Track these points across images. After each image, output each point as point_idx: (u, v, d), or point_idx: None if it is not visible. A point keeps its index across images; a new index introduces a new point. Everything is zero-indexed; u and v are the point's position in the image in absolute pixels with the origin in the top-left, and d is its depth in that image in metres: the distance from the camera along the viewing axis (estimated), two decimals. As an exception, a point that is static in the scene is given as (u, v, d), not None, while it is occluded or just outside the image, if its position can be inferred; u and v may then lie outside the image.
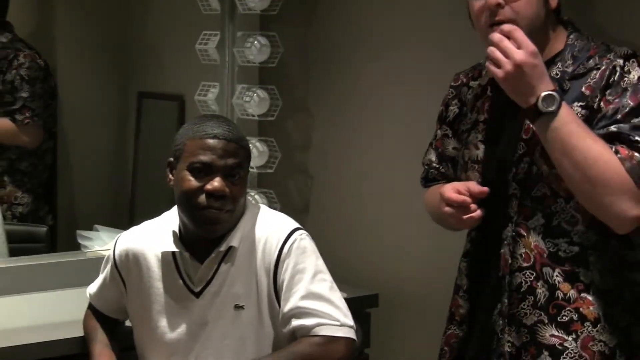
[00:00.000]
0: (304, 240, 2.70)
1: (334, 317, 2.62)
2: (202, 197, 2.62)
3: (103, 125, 4.46)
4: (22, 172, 4.00)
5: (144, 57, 4.38)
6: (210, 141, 2.65)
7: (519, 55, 2.35)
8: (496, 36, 2.39)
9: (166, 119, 3.97)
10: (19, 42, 4.03)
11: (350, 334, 2.64)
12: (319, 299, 2.63)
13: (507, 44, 2.37)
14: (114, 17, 4.40)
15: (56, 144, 4.19)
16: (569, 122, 2.37)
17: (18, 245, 3.69)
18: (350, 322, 2.65)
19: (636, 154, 2.36)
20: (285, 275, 2.65)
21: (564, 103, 2.38)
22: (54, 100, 4.13)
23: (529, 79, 2.37)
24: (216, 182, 2.62)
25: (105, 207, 4.37)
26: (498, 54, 2.38)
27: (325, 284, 2.67)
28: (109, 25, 4.42)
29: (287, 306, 2.63)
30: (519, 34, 2.37)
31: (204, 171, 2.63)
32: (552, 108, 2.35)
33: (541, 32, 2.51)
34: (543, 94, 2.36)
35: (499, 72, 2.39)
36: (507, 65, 2.36)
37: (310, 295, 2.63)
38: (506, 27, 2.39)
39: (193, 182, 2.63)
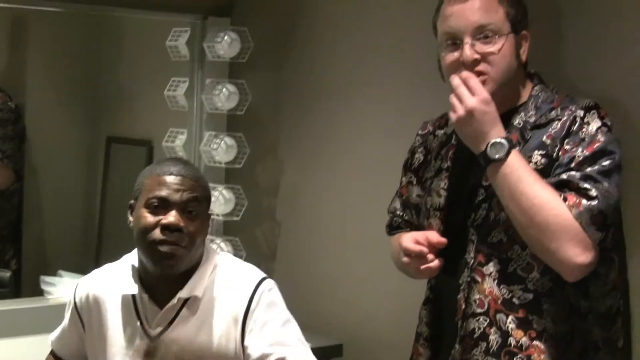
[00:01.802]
0: (272, 291, 2.68)
1: None
2: (158, 232, 2.60)
3: (71, 168, 4.47)
4: None
5: (114, 102, 4.40)
6: (167, 177, 2.65)
7: (471, 101, 2.40)
8: (455, 81, 2.44)
9: (134, 164, 3.98)
10: None
11: None
12: (289, 346, 2.63)
13: (463, 90, 2.42)
14: (85, 62, 4.43)
15: (23, 186, 4.20)
16: (517, 169, 2.40)
17: (-19, 291, 3.77)
18: None
19: (584, 201, 2.38)
20: (254, 325, 2.63)
21: (514, 150, 2.41)
22: (23, 143, 4.14)
23: (479, 125, 2.42)
24: (171, 216, 2.60)
25: (71, 251, 4.36)
26: (454, 99, 2.43)
27: (294, 332, 2.66)
28: (79, 69, 4.45)
29: (256, 354, 2.62)
30: (473, 82, 2.42)
31: (160, 206, 2.62)
32: (500, 155, 2.39)
33: (511, 84, 2.55)
34: (492, 140, 2.40)
35: (453, 116, 2.44)
36: (460, 110, 2.41)
37: (280, 343, 2.61)
38: (464, 74, 2.44)
39: (149, 217, 2.62)
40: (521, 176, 2.40)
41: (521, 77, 2.59)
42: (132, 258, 2.75)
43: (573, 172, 2.42)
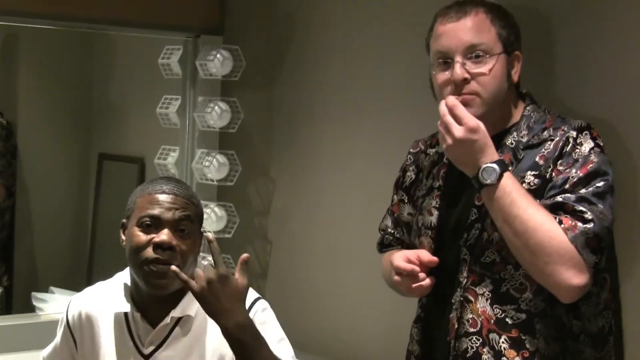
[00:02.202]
0: (265, 311, 2.68)
1: None
2: (150, 250, 2.59)
3: (63, 185, 4.48)
4: None
5: (105, 119, 4.42)
6: (159, 196, 2.65)
7: (457, 131, 2.40)
8: (442, 109, 2.45)
9: (126, 180, 3.98)
10: None
11: None
12: None
13: (449, 118, 2.43)
14: (77, 79, 4.44)
15: (15, 203, 4.22)
16: (510, 192, 2.40)
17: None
18: None
19: (579, 223, 2.39)
20: None
21: (507, 173, 2.42)
22: (15, 160, 4.16)
23: (469, 153, 2.43)
24: (164, 235, 2.59)
25: (63, 268, 4.38)
26: (441, 128, 2.44)
27: (288, 351, 2.66)
28: (71, 86, 4.45)
29: None
30: (459, 111, 2.42)
31: (153, 225, 2.62)
32: (491, 180, 2.40)
33: (503, 104, 2.56)
34: (483, 166, 2.41)
35: (444, 145, 2.45)
36: (449, 139, 2.42)
37: None
38: (449, 101, 2.45)
39: (142, 236, 2.61)
40: (515, 199, 2.41)
41: (513, 97, 2.60)
42: (124, 276, 2.75)
43: (568, 194, 2.43)
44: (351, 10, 3.55)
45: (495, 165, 2.41)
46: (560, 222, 2.39)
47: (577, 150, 2.48)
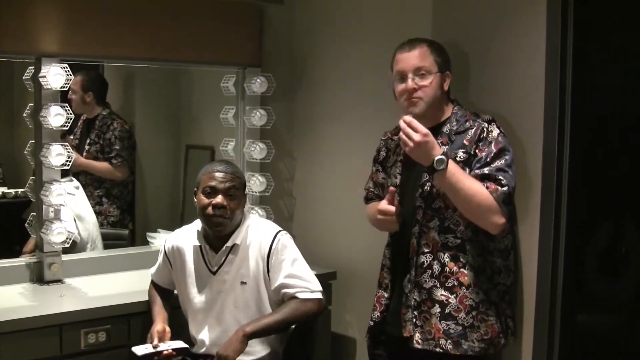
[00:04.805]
0: (285, 238, 2.74)
1: (307, 287, 2.68)
2: (210, 209, 2.65)
3: (164, 166, 4.41)
4: (114, 196, 4.01)
5: (190, 121, 4.35)
6: (215, 174, 2.69)
7: (416, 137, 2.38)
8: (401, 124, 2.41)
9: (203, 162, 3.65)
10: (114, 114, 4.06)
11: (319, 296, 2.68)
12: (297, 277, 2.68)
13: (408, 130, 2.38)
14: (172, 97, 4.35)
15: (135, 178, 4.19)
16: (454, 173, 2.41)
17: (110, 242, 3.75)
18: (319, 289, 2.70)
19: (499, 187, 2.42)
20: (274, 261, 2.68)
21: (450, 161, 2.40)
22: (134, 151, 4.11)
23: (425, 150, 2.40)
24: (218, 199, 2.66)
25: (165, 217, 4.33)
26: (404, 137, 2.40)
27: (301, 267, 2.71)
28: (168, 102, 4.38)
29: (277, 282, 2.67)
30: (414, 124, 2.39)
31: (212, 192, 2.66)
32: (442, 167, 2.39)
33: (439, 105, 2.57)
34: (436, 158, 2.39)
35: (406, 149, 2.42)
36: (410, 143, 2.39)
37: (291, 275, 2.68)
38: (406, 118, 2.40)
39: (205, 200, 2.68)
40: (458, 177, 2.41)
41: (445, 101, 2.60)
42: (198, 223, 2.78)
43: (490, 167, 2.43)
44: (343, 50, 3.52)
45: (443, 157, 2.39)
46: (487, 187, 2.42)
47: (489, 135, 2.48)
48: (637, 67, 2.48)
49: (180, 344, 2.62)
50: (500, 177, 2.41)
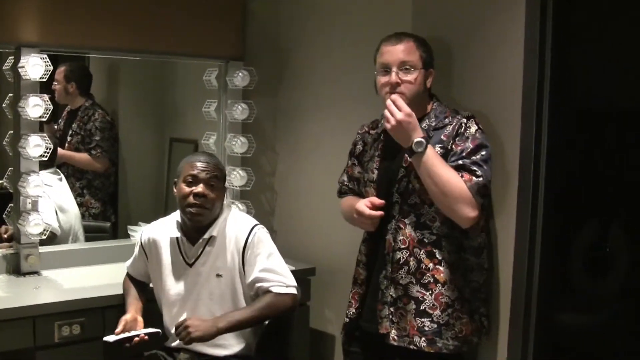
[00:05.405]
0: (261, 232, 2.73)
1: (282, 282, 2.67)
2: (191, 198, 2.64)
3: (147, 158, 4.42)
4: (95, 187, 4.02)
5: (174, 115, 4.34)
6: (197, 163, 2.69)
7: (399, 115, 2.40)
8: (388, 101, 2.43)
9: (186, 154, 3.97)
10: (96, 105, 4.05)
11: (294, 291, 2.67)
12: (272, 271, 2.68)
13: (393, 108, 2.41)
14: (154, 90, 4.33)
15: (117, 170, 4.18)
16: (432, 157, 2.41)
17: (92, 235, 3.75)
18: (293, 284, 2.69)
19: (474, 177, 2.42)
20: (249, 255, 2.68)
21: (429, 145, 2.42)
22: (116, 142, 4.10)
23: (406, 130, 2.41)
24: (200, 187, 2.66)
25: (148, 210, 4.32)
26: (387, 114, 2.42)
27: (276, 261, 2.70)
28: (151, 94, 4.36)
29: (252, 276, 2.67)
30: (400, 102, 2.42)
31: (193, 182, 2.67)
32: (421, 149, 2.40)
33: (420, 101, 2.57)
34: (415, 140, 2.40)
35: (387, 125, 2.44)
36: (392, 121, 2.41)
37: (266, 269, 2.68)
38: (393, 96, 2.44)
39: (186, 189, 2.67)
40: (435, 162, 2.41)
41: (426, 97, 2.60)
42: (177, 214, 2.79)
43: (465, 160, 2.44)
44: (326, 45, 3.50)
45: (423, 140, 2.40)
46: (462, 177, 2.42)
47: (467, 131, 2.49)
48: (616, 61, 2.49)
49: (151, 329, 2.63)
50: (475, 169, 2.42)
